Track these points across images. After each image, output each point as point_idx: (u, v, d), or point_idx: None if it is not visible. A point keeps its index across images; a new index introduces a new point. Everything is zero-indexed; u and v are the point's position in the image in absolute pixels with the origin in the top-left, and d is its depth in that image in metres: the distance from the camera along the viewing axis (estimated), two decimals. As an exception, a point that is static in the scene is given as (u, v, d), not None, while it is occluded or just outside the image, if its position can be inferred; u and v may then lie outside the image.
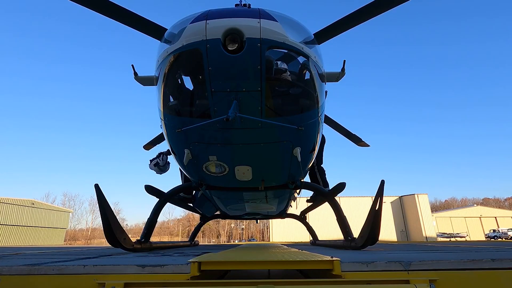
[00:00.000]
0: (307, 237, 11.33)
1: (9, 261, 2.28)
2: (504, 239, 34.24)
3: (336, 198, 4.83)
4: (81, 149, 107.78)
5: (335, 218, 4.51)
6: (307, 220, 8.96)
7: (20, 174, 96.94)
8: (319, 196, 5.52)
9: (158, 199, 4.65)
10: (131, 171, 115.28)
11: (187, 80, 3.19)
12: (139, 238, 4.26)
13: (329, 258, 1.75)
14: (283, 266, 1.86)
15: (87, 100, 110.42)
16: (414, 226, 41.39)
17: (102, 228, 3.54)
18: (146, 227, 4.40)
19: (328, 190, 5.01)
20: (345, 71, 3.34)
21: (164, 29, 2.91)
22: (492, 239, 34.98)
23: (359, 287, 1.58)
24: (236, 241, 62.20)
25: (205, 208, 7.27)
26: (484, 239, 37.00)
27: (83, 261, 2.11)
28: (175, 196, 5.20)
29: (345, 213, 4.54)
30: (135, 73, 3.38)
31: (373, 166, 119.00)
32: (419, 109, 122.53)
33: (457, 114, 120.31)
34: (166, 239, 65.87)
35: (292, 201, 7.34)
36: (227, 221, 69.59)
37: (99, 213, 3.47)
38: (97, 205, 3.49)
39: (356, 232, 3.91)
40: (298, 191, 5.90)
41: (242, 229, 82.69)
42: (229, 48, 2.55)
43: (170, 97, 3.26)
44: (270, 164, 3.73)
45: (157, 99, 3.25)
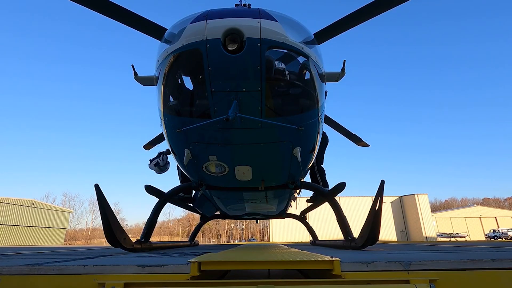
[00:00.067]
0: (307, 237, 11.33)
1: (9, 261, 2.28)
2: (504, 239, 34.24)
3: (336, 198, 4.83)
4: (81, 149, 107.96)
5: (335, 218, 4.51)
6: (307, 220, 8.97)
7: (20, 174, 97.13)
8: (319, 196, 5.52)
9: (158, 199, 4.65)
10: (131, 171, 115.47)
11: (187, 80, 3.18)
12: (139, 238, 4.26)
13: (329, 258, 1.75)
14: (283, 266, 1.86)
15: (87, 100, 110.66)
16: (414, 226, 41.38)
17: (102, 228, 3.55)
18: (146, 227, 4.41)
19: (328, 190, 5.01)
20: (345, 71, 3.34)
21: (164, 29, 2.91)
22: (492, 239, 34.98)
23: (359, 287, 1.58)
24: (236, 241, 62.20)
25: (205, 208, 7.27)
26: (484, 239, 37.00)
27: (83, 261, 2.11)
28: (175, 196, 5.20)
29: (345, 213, 4.55)
30: (135, 73, 3.38)
31: (373, 166, 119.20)
32: (419, 109, 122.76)
33: (457, 114, 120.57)
34: (166, 239, 65.87)
35: (292, 201, 7.34)
36: (227, 221, 69.61)
37: (99, 213, 3.47)
38: (97, 205, 3.49)
39: (356, 232, 3.91)
40: (298, 191, 5.90)
41: (242, 229, 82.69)
42: (229, 48, 2.55)
43: (170, 97, 3.26)
44: (270, 164, 3.73)
45: (157, 99, 3.24)
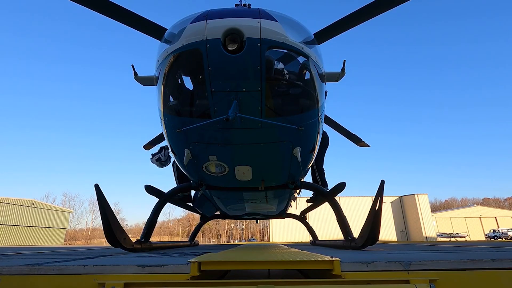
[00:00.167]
0: (307, 237, 11.33)
1: (9, 261, 2.28)
2: (504, 239, 34.24)
3: (336, 198, 4.83)
4: (81, 149, 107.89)
5: (335, 218, 4.51)
6: (307, 220, 8.97)
7: (20, 174, 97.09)
8: (319, 196, 5.52)
9: (158, 199, 4.65)
10: (131, 171, 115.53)
11: (187, 80, 3.19)
12: (139, 238, 4.26)
13: (329, 258, 1.75)
14: (283, 266, 1.86)
15: (87, 100, 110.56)
16: (414, 226, 41.38)
17: (102, 228, 3.55)
18: (146, 227, 4.40)
19: (328, 190, 5.01)
20: (345, 71, 3.34)
21: (164, 29, 2.91)
22: (492, 239, 34.98)
23: (359, 287, 1.58)
24: (236, 241, 62.20)
25: (205, 208, 7.27)
26: (484, 239, 37.00)
27: (83, 261, 2.11)
28: (175, 196, 5.21)
29: (345, 213, 4.55)
30: (135, 73, 3.38)
31: (373, 166, 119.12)
32: (419, 109, 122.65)
33: (457, 114, 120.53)
34: (166, 239, 65.87)
35: (292, 201, 7.34)
36: (227, 221, 69.61)
37: (99, 213, 3.47)
38: (97, 205, 3.49)
39: (356, 232, 3.91)
40: (298, 191, 5.90)
41: (242, 229, 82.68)
42: (229, 48, 2.55)
43: (170, 97, 3.26)
44: (270, 164, 3.73)
45: (157, 99, 3.24)
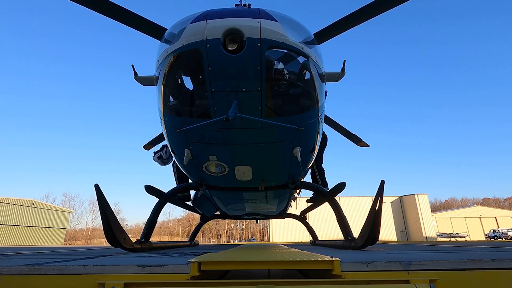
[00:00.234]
0: (307, 237, 11.33)
1: (9, 261, 2.28)
2: (504, 239, 34.24)
3: (336, 198, 4.83)
4: (81, 149, 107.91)
5: (335, 218, 4.51)
6: (307, 220, 8.97)
7: (20, 174, 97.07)
8: (319, 196, 5.52)
9: (158, 199, 4.65)
10: (131, 171, 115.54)
11: (187, 80, 3.18)
12: (139, 238, 4.26)
13: (329, 258, 1.75)
14: (283, 266, 1.86)
15: (87, 100, 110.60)
16: (414, 226, 41.38)
17: (102, 228, 3.54)
18: (146, 227, 4.40)
19: (328, 190, 5.01)
20: (345, 71, 3.34)
21: (164, 29, 2.91)
22: (492, 239, 34.98)
23: (359, 287, 1.58)
24: (236, 241, 62.19)
25: (205, 208, 7.28)
26: (484, 239, 37.00)
27: (83, 261, 2.11)
28: (175, 196, 5.21)
29: (345, 213, 4.55)
30: (135, 73, 3.38)
31: (373, 166, 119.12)
32: (419, 109, 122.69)
33: (457, 114, 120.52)
34: (166, 239, 65.87)
35: (292, 201, 7.34)
36: (227, 221, 69.60)
37: (99, 213, 3.47)
38: (97, 205, 3.49)
39: (356, 232, 3.91)
40: (298, 191, 5.90)
41: (242, 229, 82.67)
42: (229, 48, 2.55)
43: (170, 97, 3.26)
44: (270, 164, 3.73)
45: (157, 99, 3.24)
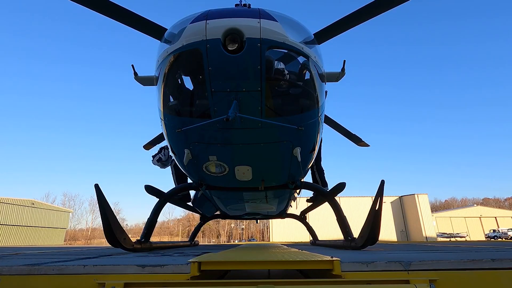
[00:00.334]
0: (307, 237, 11.33)
1: (9, 261, 2.28)
2: (504, 239, 34.24)
3: (336, 198, 4.83)
4: (81, 149, 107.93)
5: (335, 218, 4.51)
6: (307, 220, 8.97)
7: (20, 174, 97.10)
8: (319, 196, 5.52)
9: (158, 199, 4.65)
10: (131, 171, 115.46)
11: (187, 80, 3.18)
12: (139, 238, 4.26)
13: (329, 258, 1.75)
14: (283, 266, 1.86)
15: (87, 100, 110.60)
16: (414, 226, 41.38)
17: (102, 228, 3.55)
18: (146, 227, 4.40)
19: (328, 190, 5.01)
20: (345, 71, 3.34)
21: (164, 29, 2.91)
22: (492, 239, 34.98)
23: (359, 287, 1.58)
24: (236, 241, 62.19)
25: (205, 208, 7.27)
26: (484, 239, 37.00)
27: (83, 261, 2.11)
28: (175, 196, 5.21)
29: (345, 213, 4.55)
30: (135, 73, 3.38)
31: (373, 166, 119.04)
32: (419, 109, 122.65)
33: (457, 114, 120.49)
34: (166, 239, 65.86)
35: (292, 201, 7.34)
36: (227, 221, 69.60)
37: (99, 213, 3.47)
38: (97, 205, 3.49)
39: (356, 232, 3.91)
40: (298, 191, 5.90)
41: (242, 229, 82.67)
42: (229, 48, 2.55)
43: (170, 97, 3.26)
44: (270, 164, 3.73)
45: (157, 99, 3.24)
